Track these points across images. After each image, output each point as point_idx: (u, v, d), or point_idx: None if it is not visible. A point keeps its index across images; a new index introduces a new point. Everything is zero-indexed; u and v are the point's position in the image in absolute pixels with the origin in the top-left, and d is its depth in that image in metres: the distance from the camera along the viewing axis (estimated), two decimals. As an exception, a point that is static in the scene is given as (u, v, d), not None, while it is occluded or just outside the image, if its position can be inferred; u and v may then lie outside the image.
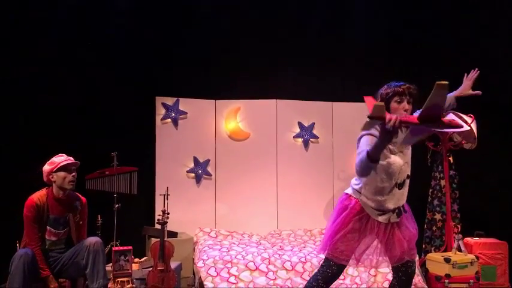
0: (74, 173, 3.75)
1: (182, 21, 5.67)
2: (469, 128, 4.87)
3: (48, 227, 3.70)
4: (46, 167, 3.72)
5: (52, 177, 3.69)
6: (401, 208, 2.96)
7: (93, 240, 3.75)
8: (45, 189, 3.76)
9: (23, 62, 5.05)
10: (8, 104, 4.99)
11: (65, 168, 3.68)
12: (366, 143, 2.85)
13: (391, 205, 2.91)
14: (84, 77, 5.34)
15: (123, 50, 5.46)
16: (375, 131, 2.84)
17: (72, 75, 5.28)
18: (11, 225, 4.05)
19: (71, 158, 3.74)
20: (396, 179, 2.91)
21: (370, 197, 2.91)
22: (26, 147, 5.09)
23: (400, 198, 2.94)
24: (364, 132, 2.93)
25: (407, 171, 2.95)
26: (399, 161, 2.91)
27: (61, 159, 3.72)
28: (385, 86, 3.04)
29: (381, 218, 2.91)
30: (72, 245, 3.78)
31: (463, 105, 5.16)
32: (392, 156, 2.91)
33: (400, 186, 2.93)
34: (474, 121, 4.98)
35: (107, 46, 5.44)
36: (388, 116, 2.53)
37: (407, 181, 2.96)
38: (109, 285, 3.84)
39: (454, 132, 5.11)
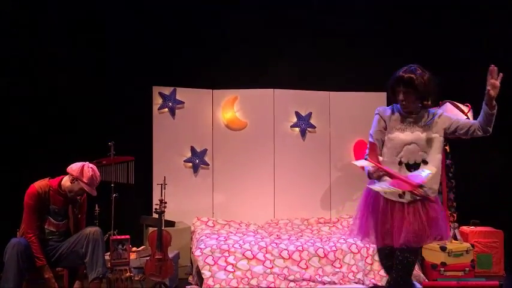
0: (83, 196, 3.82)
1: (179, 11, 5.64)
2: (465, 117, 4.88)
3: (48, 217, 3.71)
4: (78, 171, 3.67)
5: (71, 180, 3.69)
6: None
7: (92, 229, 3.76)
8: (47, 179, 3.75)
9: (22, 47, 5.05)
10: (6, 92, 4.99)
11: (83, 189, 3.69)
12: (373, 126, 3.13)
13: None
14: (80, 65, 5.32)
15: (120, 39, 5.44)
16: (385, 112, 3.11)
17: (69, 64, 5.27)
18: (10, 213, 4.06)
19: (94, 190, 3.73)
20: (401, 156, 3.02)
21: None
22: (24, 136, 5.10)
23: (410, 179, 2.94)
24: (376, 111, 3.16)
25: (421, 155, 3.02)
26: (402, 138, 3.02)
27: (90, 181, 3.68)
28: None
29: (388, 195, 3.00)
30: (71, 236, 3.80)
31: (460, 94, 5.22)
32: (395, 132, 3.05)
33: (411, 167, 3.00)
34: (471, 110, 4.99)
35: (105, 35, 5.42)
36: (372, 169, 2.97)
37: (423, 168, 2.98)
38: (107, 274, 3.87)
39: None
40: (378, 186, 2.94)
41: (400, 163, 3.03)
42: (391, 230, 3.01)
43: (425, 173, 2.92)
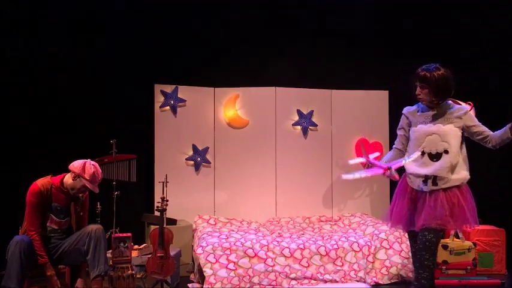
0: (85, 193, 3.81)
1: (180, 10, 5.64)
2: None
3: (51, 215, 3.72)
4: (80, 168, 3.66)
5: (73, 177, 3.68)
6: (436, 179, 3.27)
7: (94, 227, 3.77)
8: (49, 176, 3.75)
9: (22, 46, 5.06)
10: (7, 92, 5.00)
11: (85, 186, 3.68)
12: (399, 124, 3.58)
13: (420, 170, 3.31)
14: (82, 64, 5.33)
15: (121, 38, 5.44)
16: (410, 109, 3.51)
17: (70, 63, 5.27)
18: (12, 210, 4.07)
19: (96, 187, 3.73)
20: (423, 147, 3.32)
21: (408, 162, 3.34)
22: (26, 135, 5.11)
23: (432, 168, 3.28)
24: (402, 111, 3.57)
25: (443, 145, 3.29)
26: (425, 129, 3.35)
27: (91, 178, 3.67)
28: None
29: (411, 183, 3.38)
30: (73, 234, 3.80)
31: (461, 92, 5.19)
32: (419, 125, 3.39)
33: (433, 157, 3.30)
34: (473, 108, 4.97)
35: (107, 34, 5.42)
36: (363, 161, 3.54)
37: (445, 156, 3.28)
38: (109, 272, 3.87)
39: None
40: (350, 175, 3.35)
41: (423, 153, 3.32)
42: (414, 215, 3.33)
43: (406, 160, 3.28)
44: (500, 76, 5.53)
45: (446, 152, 3.28)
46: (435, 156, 3.31)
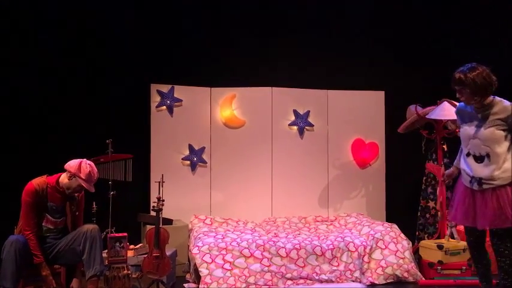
0: (81, 193, 3.81)
1: (177, 8, 5.63)
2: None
3: (46, 214, 3.71)
4: (76, 167, 3.65)
5: (69, 176, 3.68)
6: (481, 181, 3.33)
7: (90, 226, 3.76)
8: (45, 176, 3.75)
9: (18, 44, 5.05)
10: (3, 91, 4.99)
11: (81, 185, 3.68)
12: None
13: (467, 169, 3.41)
14: (78, 63, 5.32)
15: (118, 37, 5.43)
16: (461, 106, 3.51)
17: (66, 63, 5.26)
18: (8, 210, 4.06)
19: (92, 187, 3.73)
20: (469, 148, 3.40)
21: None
22: (21, 134, 5.09)
23: (477, 170, 3.35)
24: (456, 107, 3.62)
25: (484, 149, 3.33)
26: (468, 131, 3.40)
27: (87, 177, 3.66)
28: None
29: (464, 180, 3.48)
30: (68, 233, 3.79)
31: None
32: (464, 126, 3.44)
33: (477, 159, 3.36)
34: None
35: (103, 33, 5.41)
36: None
37: (488, 160, 3.32)
38: (105, 272, 3.86)
39: (448, 120, 5.14)
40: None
41: (468, 154, 3.42)
42: (469, 211, 3.41)
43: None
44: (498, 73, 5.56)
45: (488, 155, 3.32)
46: (479, 159, 3.36)
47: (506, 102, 3.34)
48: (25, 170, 4.20)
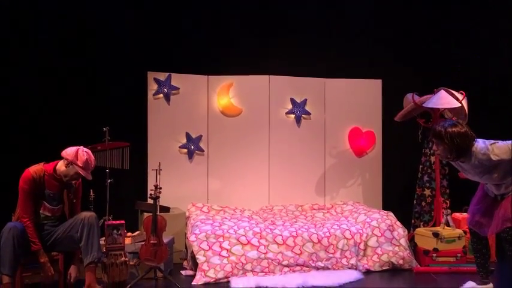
0: (78, 181, 3.81)
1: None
2: (460, 104, 4.91)
3: (44, 202, 3.71)
4: (73, 155, 3.65)
5: (66, 164, 3.67)
6: (503, 196, 3.55)
7: (87, 214, 3.78)
8: (42, 164, 3.75)
9: (17, 33, 5.06)
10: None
11: (78, 173, 3.67)
12: None
13: (490, 191, 3.65)
14: (75, 51, 5.30)
15: (115, 24, 5.40)
16: None
17: (63, 50, 5.25)
18: (5, 197, 4.06)
19: (89, 174, 3.72)
20: (484, 183, 3.68)
21: None
22: (18, 122, 5.09)
23: (500, 190, 3.57)
24: None
25: (494, 179, 3.52)
26: (472, 177, 3.70)
27: (84, 165, 3.66)
28: None
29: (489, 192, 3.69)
30: (66, 221, 3.81)
31: (454, 82, 5.23)
32: (466, 174, 3.72)
33: (496, 185, 3.56)
34: (465, 98, 5.01)
35: (99, 21, 5.38)
36: None
37: (504, 185, 3.53)
38: (102, 259, 3.89)
39: (445, 109, 5.15)
40: None
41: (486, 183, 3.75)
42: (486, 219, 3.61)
43: None
44: (493, 62, 5.56)
45: (503, 183, 3.49)
46: (497, 185, 3.53)
47: (480, 148, 3.40)
48: (21, 157, 4.20)
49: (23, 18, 5.15)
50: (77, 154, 3.67)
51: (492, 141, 3.45)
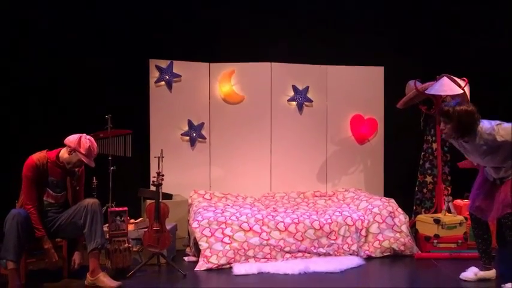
0: (81, 168, 3.83)
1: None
2: (462, 91, 4.89)
3: (47, 189, 3.74)
4: (76, 142, 3.66)
5: (69, 151, 3.69)
6: (502, 180, 3.59)
7: (90, 201, 3.80)
8: (45, 151, 3.76)
9: (19, 21, 5.05)
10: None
11: (81, 160, 3.69)
12: None
13: (489, 174, 3.68)
14: (76, 39, 5.29)
15: (116, 12, 5.39)
16: None
17: (65, 38, 5.24)
18: (9, 184, 4.09)
19: (92, 161, 3.74)
20: (484, 165, 3.69)
21: None
22: (22, 110, 5.10)
23: (499, 174, 3.60)
24: None
25: (495, 162, 3.57)
26: (473, 159, 3.75)
27: (87, 152, 3.67)
28: None
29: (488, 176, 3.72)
30: (69, 208, 3.83)
31: (456, 69, 5.21)
32: (468, 156, 3.76)
33: (495, 168, 3.61)
34: (467, 85, 5.00)
35: (100, 9, 5.36)
36: None
37: (504, 168, 3.56)
38: (106, 245, 3.92)
39: (447, 95, 5.14)
40: None
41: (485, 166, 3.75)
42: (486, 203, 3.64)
43: None
44: (495, 50, 5.53)
45: (503, 166, 3.54)
46: (497, 168, 3.58)
47: (485, 128, 3.45)
48: (24, 145, 4.22)
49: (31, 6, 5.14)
50: (80, 141, 3.68)
51: (498, 121, 3.49)
